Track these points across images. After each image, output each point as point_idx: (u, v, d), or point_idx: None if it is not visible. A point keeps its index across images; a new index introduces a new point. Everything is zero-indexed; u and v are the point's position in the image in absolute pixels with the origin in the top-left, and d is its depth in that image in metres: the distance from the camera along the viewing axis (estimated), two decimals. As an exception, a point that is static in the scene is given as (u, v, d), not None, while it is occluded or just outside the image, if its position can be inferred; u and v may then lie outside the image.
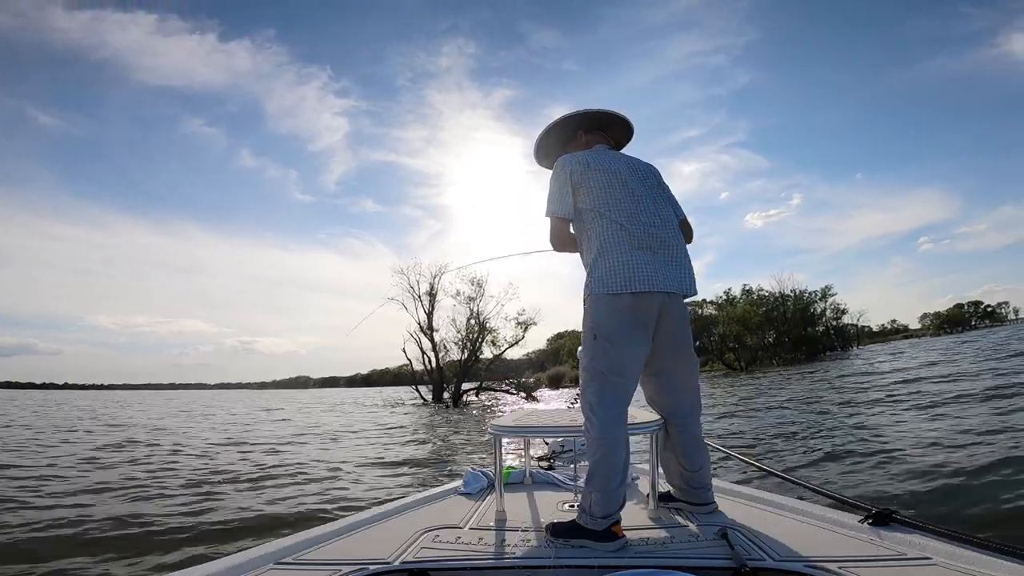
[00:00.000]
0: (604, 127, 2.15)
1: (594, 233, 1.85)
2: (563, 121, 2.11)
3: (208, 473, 5.88)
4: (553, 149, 2.19)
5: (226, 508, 4.25)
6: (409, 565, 1.47)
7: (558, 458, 2.88)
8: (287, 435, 10.35)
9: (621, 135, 2.20)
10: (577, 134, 2.14)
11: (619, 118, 2.13)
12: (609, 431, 1.68)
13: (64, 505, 4.40)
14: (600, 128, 2.14)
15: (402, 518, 1.93)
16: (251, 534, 3.55)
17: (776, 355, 45.86)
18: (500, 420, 2.07)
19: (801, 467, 4.99)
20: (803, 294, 49.80)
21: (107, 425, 13.50)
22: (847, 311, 53.57)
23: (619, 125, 2.16)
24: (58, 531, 3.69)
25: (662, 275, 1.78)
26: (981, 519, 3.10)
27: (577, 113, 2.09)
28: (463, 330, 27.94)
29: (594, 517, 1.61)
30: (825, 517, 1.69)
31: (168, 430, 11.94)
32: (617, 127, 2.17)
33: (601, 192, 1.87)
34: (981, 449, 4.78)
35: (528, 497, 2.20)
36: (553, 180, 1.97)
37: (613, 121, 2.14)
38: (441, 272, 27.52)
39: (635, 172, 1.97)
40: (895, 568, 1.31)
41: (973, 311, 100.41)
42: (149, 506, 4.32)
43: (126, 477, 5.67)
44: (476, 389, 27.70)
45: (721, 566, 1.40)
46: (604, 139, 2.12)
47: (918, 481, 3.99)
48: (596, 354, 1.75)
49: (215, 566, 1.43)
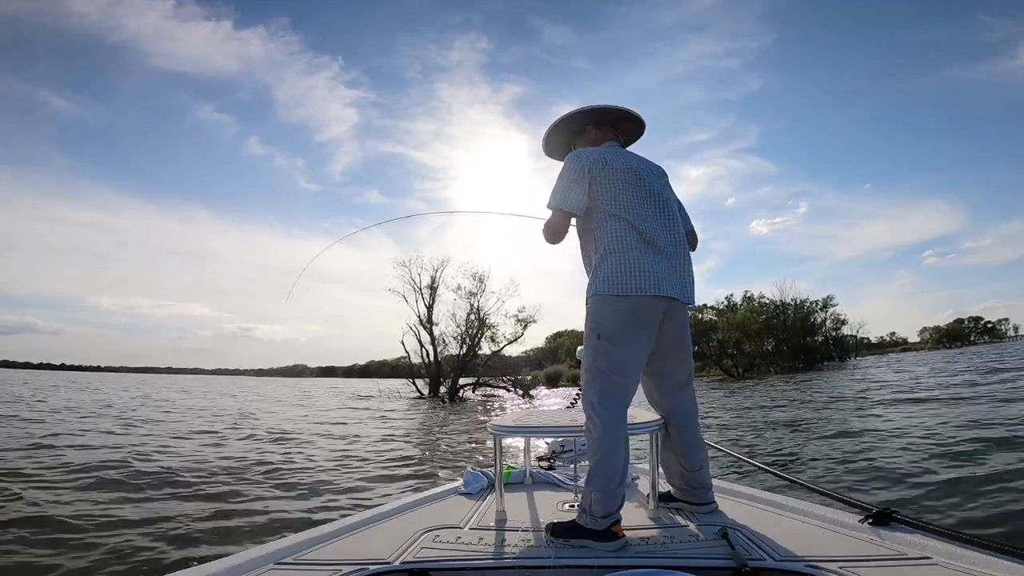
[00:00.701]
0: (614, 124, 2.11)
1: (604, 233, 1.83)
2: (573, 115, 2.08)
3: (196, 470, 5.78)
4: (563, 142, 2.17)
5: (222, 510, 4.16)
6: (409, 565, 1.47)
7: (558, 458, 2.87)
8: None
9: (631, 133, 2.16)
10: (587, 129, 2.10)
11: (630, 115, 2.09)
12: (611, 431, 1.69)
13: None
14: (610, 125, 2.10)
15: (402, 518, 1.93)
16: (247, 536, 3.52)
17: (774, 363, 45.83)
18: (500, 420, 2.08)
19: (801, 467, 5.02)
20: (804, 303, 49.83)
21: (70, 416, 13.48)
22: (847, 322, 53.72)
23: (629, 122, 2.12)
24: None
25: (669, 281, 1.78)
26: (981, 519, 3.12)
27: (588, 108, 2.06)
28: (463, 325, 27.98)
29: (594, 517, 1.61)
30: (825, 517, 1.69)
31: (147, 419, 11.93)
32: (627, 124, 2.13)
33: (619, 192, 1.84)
34: (981, 449, 4.84)
35: (528, 497, 2.20)
36: (565, 172, 1.92)
37: (623, 118, 2.10)
38: (443, 265, 27.62)
39: (651, 174, 1.95)
40: (895, 568, 1.31)
41: (973, 327, 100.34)
42: (145, 505, 4.26)
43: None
44: (473, 385, 27.70)
45: (721, 566, 1.41)
46: (614, 135, 2.08)
47: (918, 481, 4.02)
48: (599, 354, 1.75)
49: (215, 566, 1.43)
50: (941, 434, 5.90)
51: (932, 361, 29.28)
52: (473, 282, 27.89)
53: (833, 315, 51.57)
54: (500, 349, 28.73)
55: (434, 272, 27.61)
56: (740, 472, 4.40)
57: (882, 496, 3.76)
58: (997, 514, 3.17)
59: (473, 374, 28.33)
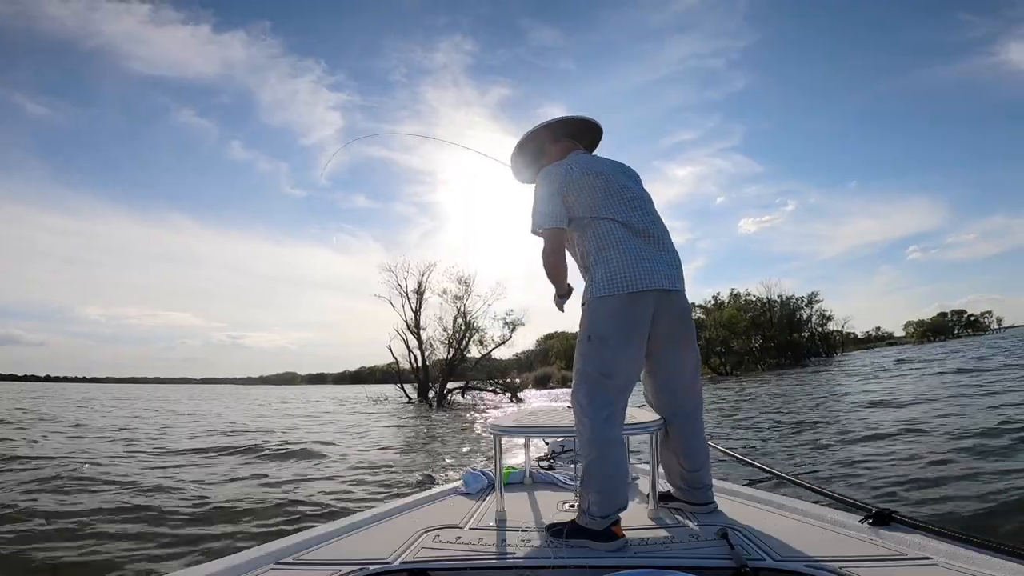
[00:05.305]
0: (571, 134, 2.12)
1: (591, 235, 1.84)
2: (528, 138, 2.10)
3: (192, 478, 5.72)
4: (527, 164, 2.18)
5: (217, 511, 4.15)
6: (409, 565, 1.47)
7: (558, 458, 2.87)
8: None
9: (590, 136, 2.16)
10: (544, 147, 2.11)
11: (581, 120, 2.10)
12: (601, 432, 1.69)
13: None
14: (567, 135, 2.11)
15: (402, 518, 1.93)
16: (245, 538, 3.47)
17: (762, 360, 46.34)
18: (500, 420, 2.07)
19: (801, 467, 5.04)
20: (790, 300, 50.57)
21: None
22: (832, 317, 54.58)
23: (583, 127, 2.12)
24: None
25: (661, 272, 1.78)
26: (981, 519, 3.15)
27: (539, 126, 2.07)
28: (449, 329, 27.88)
29: (593, 517, 1.62)
30: (825, 517, 1.70)
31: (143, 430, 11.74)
32: (582, 130, 2.13)
33: (593, 195, 1.86)
34: (980, 449, 4.89)
35: (528, 497, 2.20)
36: (537, 192, 1.94)
37: (575, 124, 2.11)
38: (429, 269, 27.49)
39: (621, 173, 1.97)
40: (895, 568, 1.32)
41: (956, 320, 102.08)
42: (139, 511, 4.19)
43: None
44: (461, 389, 27.60)
45: (721, 566, 1.41)
46: (574, 145, 2.10)
47: (917, 481, 4.05)
48: (589, 356, 1.76)
49: (215, 566, 1.42)
50: (941, 433, 5.93)
51: (919, 355, 29.68)
52: (459, 286, 27.81)
53: (819, 311, 52.53)
54: (488, 352, 28.66)
55: (420, 276, 27.47)
56: (740, 472, 4.41)
57: (882, 496, 3.78)
58: (997, 514, 3.20)
59: (462, 378, 28.23)
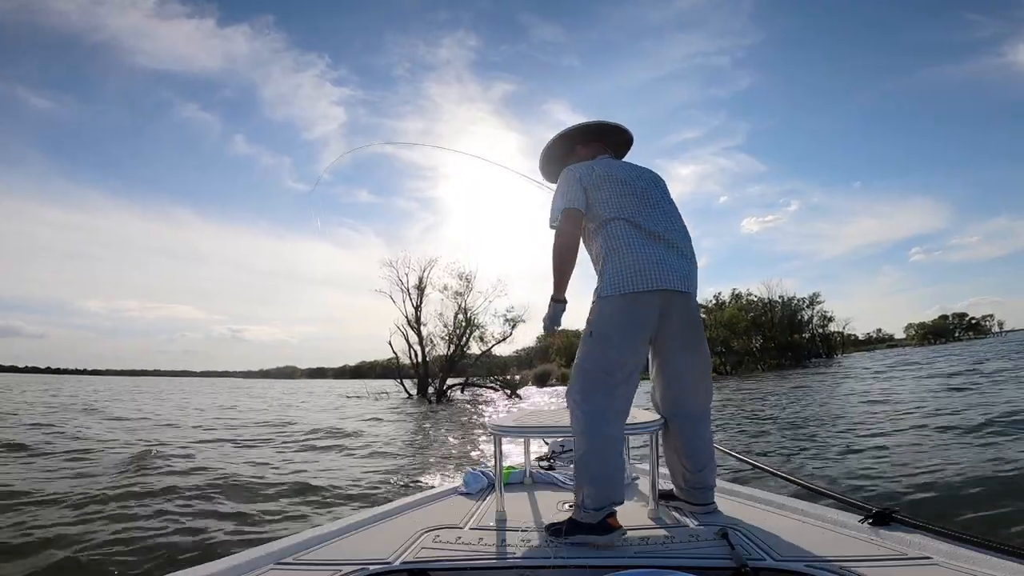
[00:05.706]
0: (601, 137, 2.14)
1: (605, 235, 1.85)
2: (560, 138, 2.12)
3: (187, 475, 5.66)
4: (556, 165, 2.19)
5: (215, 511, 4.14)
6: (409, 565, 1.47)
7: (558, 458, 2.87)
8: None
9: (620, 143, 2.19)
10: (575, 148, 2.14)
11: (615, 127, 2.12)
12: (593, 425, 1.70)
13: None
14: (598, 140, 2.14)
15: (402, 518, 1.93)
16: (244, 536, 3.48)
17: (762, 360, 46.31)
18: (500, 420, 2.08)
19: (801, 467, 5.05)
20: (791, 300, 50.50)
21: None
22: (833, 319, 54.62)
23: (616, 133, 2.15)
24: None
25: (673, 273, 1.79)
26: (981, 519, 3.15)
27: (572, 127, 2.09)
28: (450, 325, 27.88)
29: (587, 510, 1.63)
30: (825, 517, 1.71)
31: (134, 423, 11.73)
32: (614, 135, 2.16)
33: (612, 195, 1.88)
34: (980, 449, 4.89)
35: (528, 497, 2.20)
36: (559, 185, 1.96)
37: (608, 130, 2.13)
38: (431, 265, 27.46)
39: (642, 177, 1.98)
40: (895, 568, 1.32)
41: (957, 323, 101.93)
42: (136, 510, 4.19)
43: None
44: (461, 385, 27.62)
45: (721, 566, 1.41)
46: (603, 148, 2.12)
47: (917, 481, 4.06)
48: (588, 351, 1.78)
49: (215, 566, 1.43)
50: (941, 433, 5.95)
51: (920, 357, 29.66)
52: (460, 282, 27.79)
53: (820, 312, 52.49)
54: (488, 349, 28.67)
55: (422, 272, 27.45)
56: (740, 472, 4.41)
57: (882, 496, 3.79)
58: (997, 514, 3.20)
59: (462, 374, 28.26)
